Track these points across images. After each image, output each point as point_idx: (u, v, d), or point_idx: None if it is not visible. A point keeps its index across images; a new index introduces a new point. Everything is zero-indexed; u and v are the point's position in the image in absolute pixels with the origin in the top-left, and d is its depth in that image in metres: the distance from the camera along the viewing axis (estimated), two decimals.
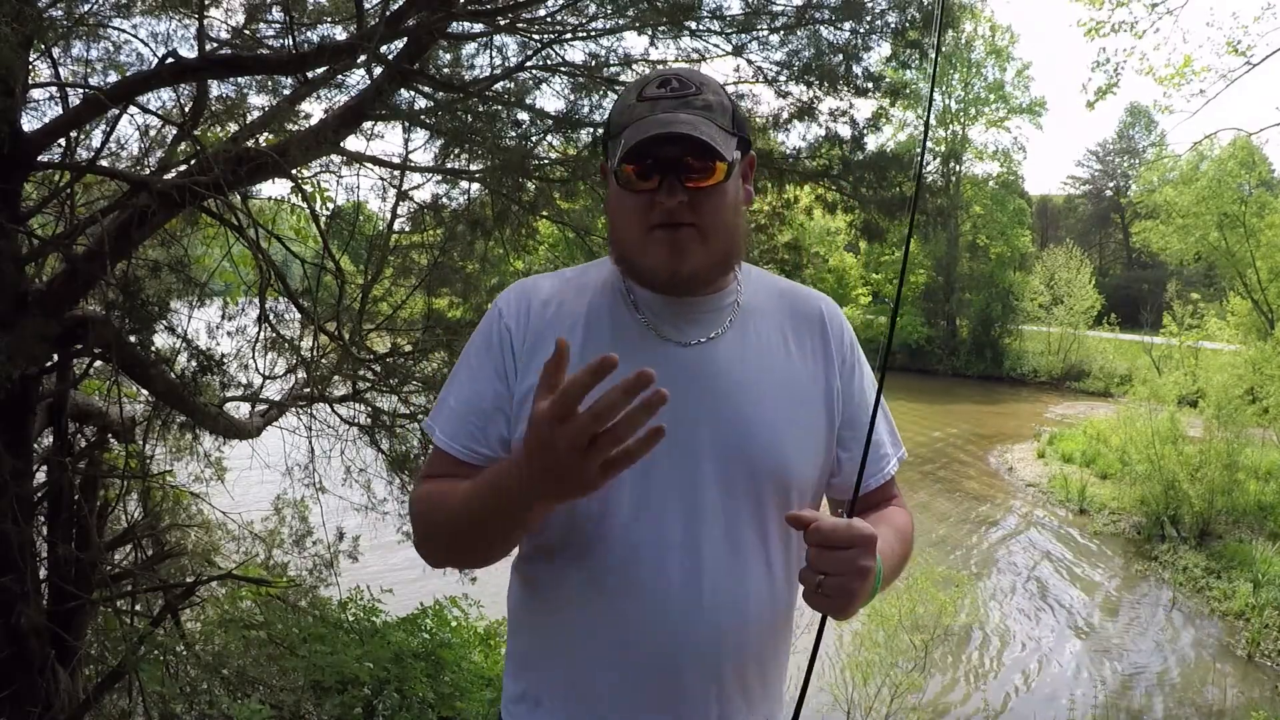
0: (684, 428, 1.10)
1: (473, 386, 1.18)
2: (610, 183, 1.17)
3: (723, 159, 1.09)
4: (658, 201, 1.10)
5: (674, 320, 1.18)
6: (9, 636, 3.36)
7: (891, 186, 4.55)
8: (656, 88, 1.13)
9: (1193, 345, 21.15)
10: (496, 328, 1.19)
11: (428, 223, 4.97)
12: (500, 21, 4.01)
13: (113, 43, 3.91)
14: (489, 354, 1.18)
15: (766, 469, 1.14)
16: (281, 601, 5.41)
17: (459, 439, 1.16)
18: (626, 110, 1.14)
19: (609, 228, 1.22)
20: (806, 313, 1.26)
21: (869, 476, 1.24)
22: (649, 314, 1.18)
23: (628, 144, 1.08)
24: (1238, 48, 8.23)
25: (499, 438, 1.15)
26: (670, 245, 1.12)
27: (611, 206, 1.19)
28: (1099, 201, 50.60)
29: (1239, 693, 8.77)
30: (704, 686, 1.11)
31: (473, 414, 1.16)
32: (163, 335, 3.92)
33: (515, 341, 1.17)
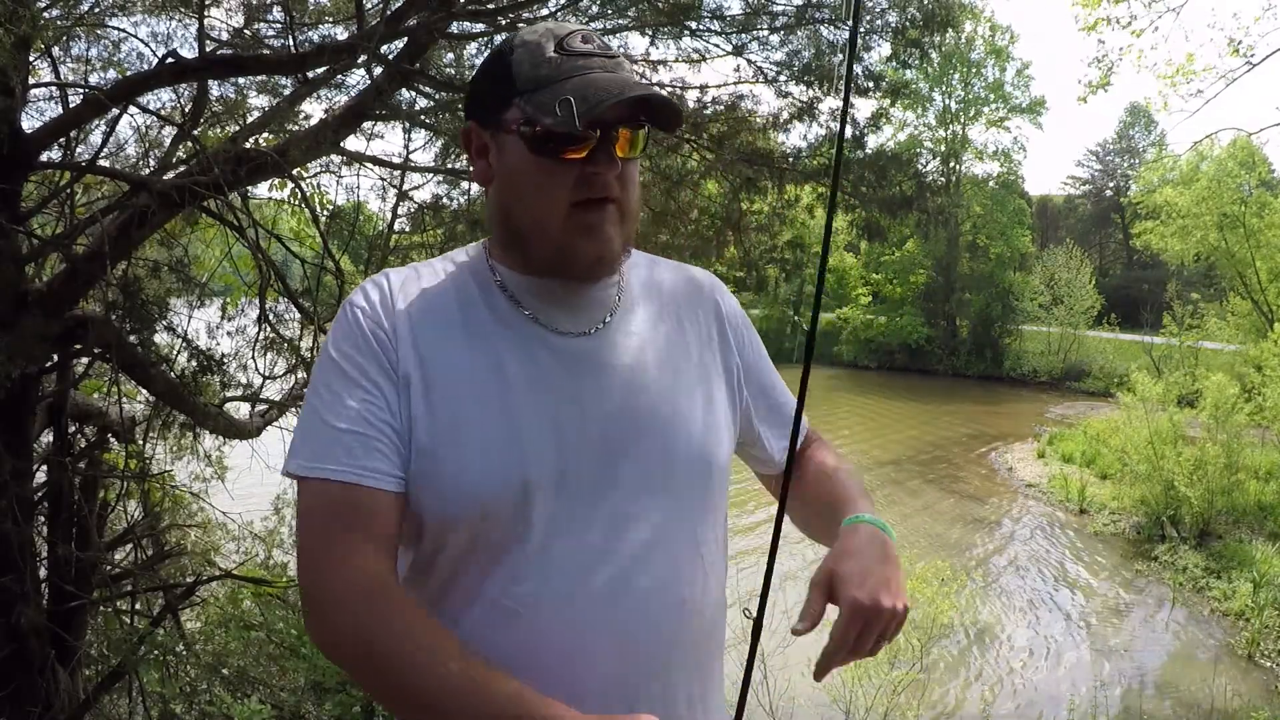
0: (592, 426, 0.99)
1: (359, 397, 0.95)
2: (507, 149, 0.99)
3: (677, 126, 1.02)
4: (590, 172, 0.96)
5: (559, 308, 1.03)
6: (9, 636, 3.36)
7: (892, 186, 4.55)
8: (580, 42, 0.98)
9: (1193, 345, 21.16)
10: (367, 327, 0.98)
11: (428, 223, 4.97)
12: (500, 21, 4.01)
13: (112, 42, 3.91)
14: (365, 357, 0.97)
15: (685, 457, 1.04)
16: (281, 601, 5.41)
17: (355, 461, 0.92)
18: (546, 63, 0.96)
19: (501, 202, 1.03)
20: (692, 290, 1.17)
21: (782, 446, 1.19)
22: (529, 302, 1.03)
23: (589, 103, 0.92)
24: (1238, 48, 8.23)
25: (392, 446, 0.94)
26: (599, 225, 0.98)
27: (509, 176, 1.00)
28: (1099, 201, 50.59)
29: (1239, 693, 8.77)
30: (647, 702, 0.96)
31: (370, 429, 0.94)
32: (163, 335, 3.92)
33: (384, 343, 0.97)
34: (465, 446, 0.95)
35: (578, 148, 0.95)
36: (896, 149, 21.04)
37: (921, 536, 13.26)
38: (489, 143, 1.02)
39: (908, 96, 27.63)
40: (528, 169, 0.98)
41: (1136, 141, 48.12)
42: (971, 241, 34.82)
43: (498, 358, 0.99)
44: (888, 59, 4.39)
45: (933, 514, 14.63)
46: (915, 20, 4.06)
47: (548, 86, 0.95)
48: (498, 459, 0.95)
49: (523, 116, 0.96)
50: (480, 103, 1.03)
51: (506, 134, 0.99)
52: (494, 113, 1.00)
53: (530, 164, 0.98)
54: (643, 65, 4.52)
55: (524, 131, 0.96)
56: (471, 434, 0.95)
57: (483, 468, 0.94)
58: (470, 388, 0.97)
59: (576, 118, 0.92)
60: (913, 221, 4.75)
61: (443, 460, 0.94)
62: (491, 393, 0.97)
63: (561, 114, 0.92)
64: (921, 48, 4.19)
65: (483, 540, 0.96)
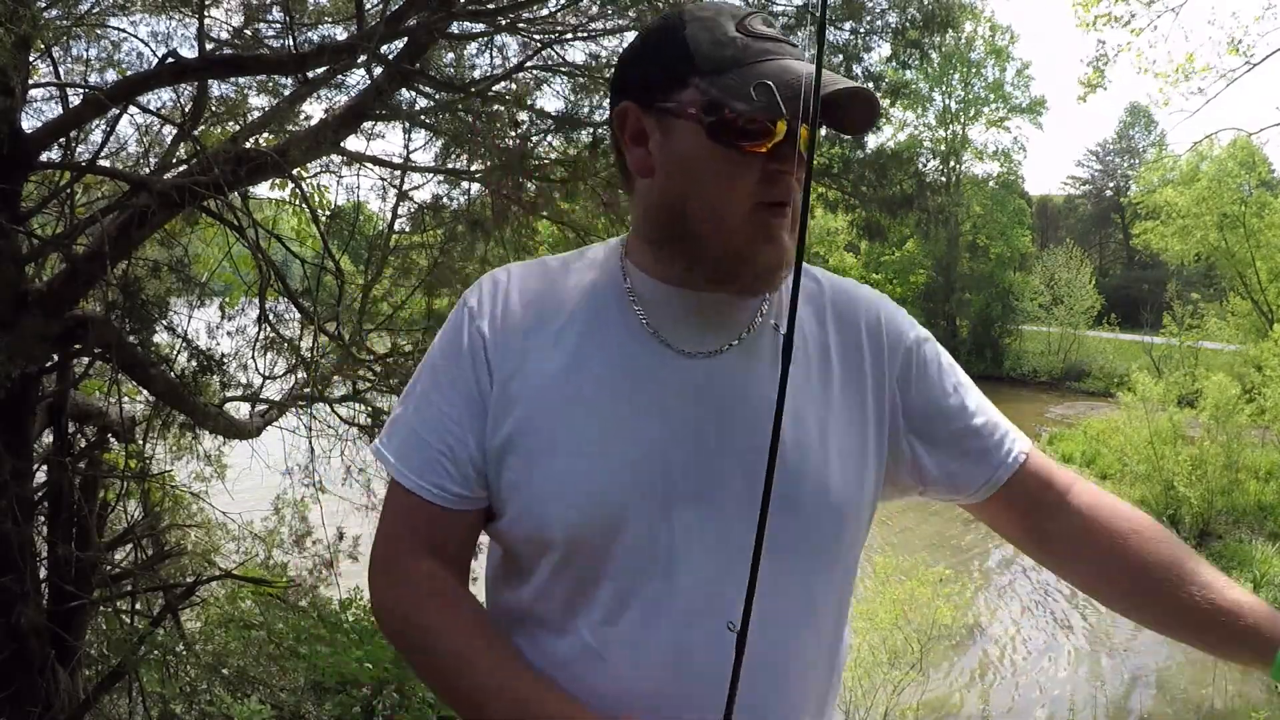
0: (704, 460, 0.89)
1: (439, 406, 0.93)
2: (676, 134, 0.87)
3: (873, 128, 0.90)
4: (775, 170, 0.85)
5: (691, 324, 0.93)
6: (9, 636, 3.36)
7: (892, 185, 4.55)
8: (761, 24, 0.87)
9: (1193, 345, 21.15)
10: (467, 333, 0.94)
11: (428, 223, 4.97)
12: (500, 21, 4.01)
13: (112, 42, 3.91)
14: (459, 364, 0.93)
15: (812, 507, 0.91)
16: (281, 601, 5.41)
17: (428, 476, 0.91)
18: (730, 43, 0.85)
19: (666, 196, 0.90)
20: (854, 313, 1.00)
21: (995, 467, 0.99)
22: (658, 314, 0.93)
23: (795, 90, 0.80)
24: (1238, 47, 8.23)
25: (468, 463, 0.91)
26: (780, 231, 0.87)
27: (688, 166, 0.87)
28: (1099, 201, 50.58)
29: (1239, 693, 8.77)
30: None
31: (437, 440, 0.92)
32: (163, 335, 3.93)
33: (489, 349, 0.92)
34: (550, 469, 0.88)
35: (761, 141, 0.84)
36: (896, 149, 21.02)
37: (921, 537, 13.26)
38: (651, 128, 0.89)
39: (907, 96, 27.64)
40: (708, 159, 0.86)
41: (1136, 141, 48.12)
42: (971, 241, 34.83)
43: (605, 374, 0.90)
44: (888, 59, 4.39)
45: (932, 514, 14.63)
46: (915, 20, 4.06)
47: (734, 69, 0.83)
48: (584, 486, 0.88)
49: (704, 100, 0.84)
50: (642, 82, 0.90)
51: (678, 118, 0.86)
52: (662, 94, 0.87)
53: (711, 154, 0.85)
54: None
55: (705, 117, 0.84)
56: (559, 457, 0.88)
57: (568, 494, 0.88)
58: (567, 406, 0.89)
59: (782, 104, 0.79)
60: (913, 221, 4.75)
61: (527, 481, 0.89)
62: (590, 413, 0.89)
63: (759, 99, 0.80)
64: (921, 48, 4.19)
65: (570, 572, 0.90)
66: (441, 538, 0.93)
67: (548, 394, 0.90)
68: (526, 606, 0.94)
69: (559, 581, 0.91)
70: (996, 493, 1.00)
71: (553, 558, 0.90)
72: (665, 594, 0.88)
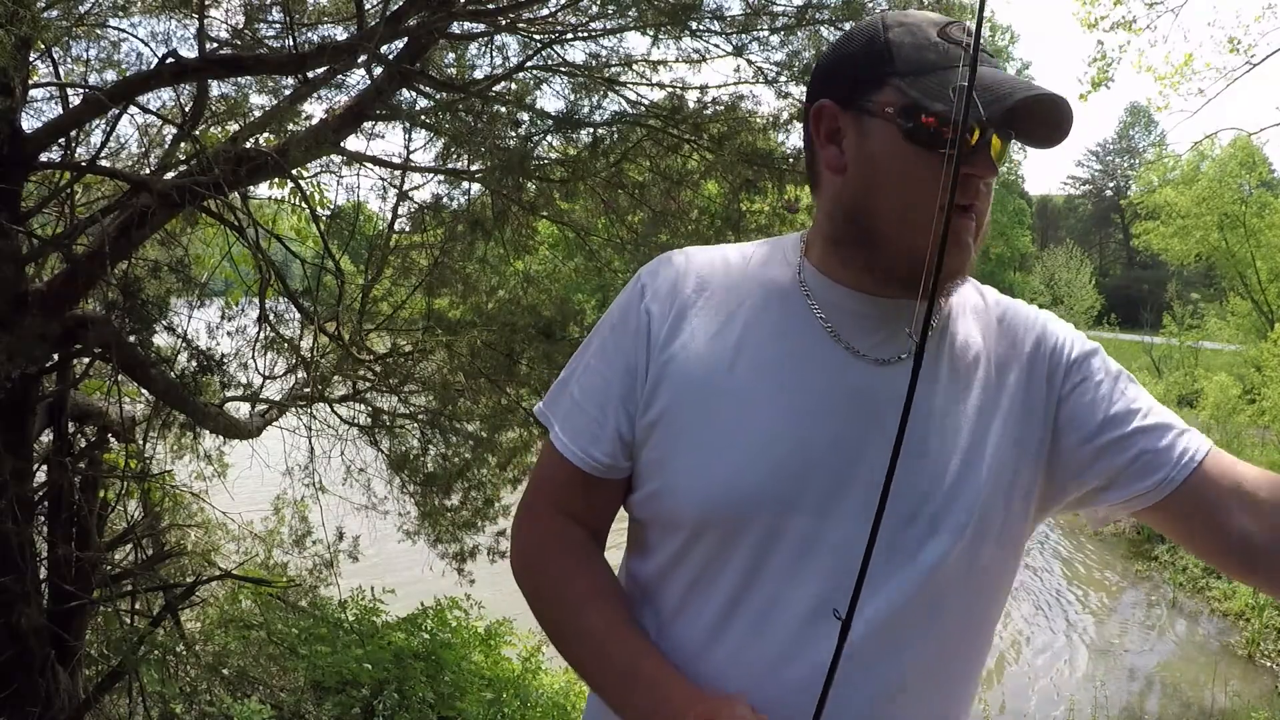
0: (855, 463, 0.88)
1: (601, 375, 0.97)
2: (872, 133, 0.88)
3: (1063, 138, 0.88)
4: (970, 174, 0.86)
5: (862, 327, 0.92)
6: (9, 636, 3.36)
7: None
8: (962, 33, 0.87)
9: (1193, 345, 21.16)
10: (637, 309, 0.96)
11: (428, 223, 4.96)
12: (501, 21, 4.01)
13: (112, 42, 3.91)
14: (623, 339, 0.96)
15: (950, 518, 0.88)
16: (281, 601, 5.41)
17: (577, 440, 0.97)
18: (932, 47, 0.86)
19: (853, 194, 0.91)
20: (1017, 331, 0.98)
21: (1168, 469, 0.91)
22: (834, 314, 0.93)
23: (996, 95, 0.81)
24: (1238, 47, 8.23)
25: (616, 436, 0.95)
26: (966, 237, 0.88)
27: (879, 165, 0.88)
28: (1099, 201, 50.60)
29: (1239, 693, 8.77)
30: None
31: (594, 408, 0.96)
32: (163, 335, 3.92)
33: (654, 326, 0.95)
34: (692, 451, 0.90)
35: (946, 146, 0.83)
36: None
37: None
38: (847, 126, 0.90)
39: None
40: (901, 160, 0.86)
41: (1136, 141, 48.16)
42: None
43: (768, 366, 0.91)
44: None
45: None
46: None
47: (935, 72, 0.84)
48: (720, 474, 0.89)
49: (902, 101, 0.85)
50: (840, 79, 0.91)
51: (875, 118, 0.87)
52: (861, 93, 0.88)
53: (905, 154, 0.86)
54: (643, 65, 4.52)
55: (902, 118, 0.85)
56: (703, 440, 0.90)
57: (703, 478, 0.90)
58: (721, 392, 0.91)
59: (982, 108, 0.80)
60: None
61: (671, 459, 0.92)
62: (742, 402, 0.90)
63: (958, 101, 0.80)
64: None
65: (694, 558, 0.91)
66: (583, 502, 0.99)
67: (703, 378, 0.92)
68: (647, 583, 0.97)
69: (682, 565, 0.93)
70: (1175, 492, 0.90)
71: (679, 540, 0.92)
72: (779, 598, 0.88)
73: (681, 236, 4.59)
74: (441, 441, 4.91)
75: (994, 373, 0.95)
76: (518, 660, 6.00)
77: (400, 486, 5.01)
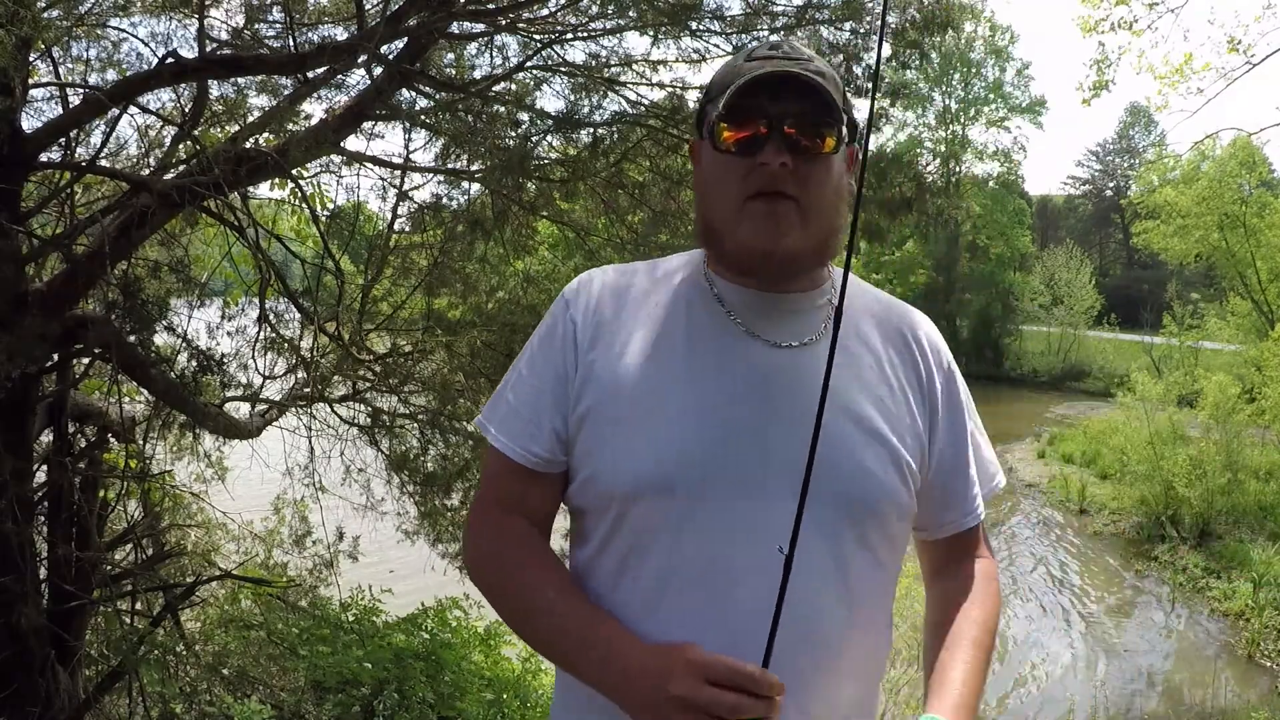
0: (761, 435, 0.99)
1: (532, 383, 1.08)
2: (704, 155, 1.06)
3: (834, 121, 1.00)
4: (759, 163, 0.98)
5: (763, 316, 1.05)
6: (9, 636, 3.36)
7: (891, 186, 4.55)
8: (768, 50, 1.02)
9: (1193, 345, 21.14)
10: (561, 321, 1.09)
11: (428, 223, 4.96)
12: (500, 21, 4.01)
13: (112, 42, 3.91)
14: (551, 349, 1.08)
15: (855, 496, 1.00)
16: (281, 601, 5.41)
17: (517, 440, 1.07)
18: (731, 71, 1.03)
19: (697, 207, 1.11)
20: (903, 332, 1.12)
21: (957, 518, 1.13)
22: (735, 308, 1.06)
23: (731, 94, 0.97)
24: (1238, 47, 8.23)
25: (552, 433, 1.06)
26: (768, 217, 0.99)
27: (703, 180, 1.07)
28: (1099, 201, 50.59)
29: (1239, 693, 8.77)
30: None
31: (529, 411, 1.07)
32: (163, 335, 3.92)
33: (579, 334, 1.07)
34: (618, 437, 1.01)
35: (738, 132, 1.00)
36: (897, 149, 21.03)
37: None
38: (698, 153, 1.09)
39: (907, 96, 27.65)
40: (711, 166, 1.05)
41: (1136, 141, 48.14)
42: (971, 241, 34.82)
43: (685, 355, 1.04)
44: (888, 60, 4.38)
45: None
46: (915, 21, 4.05)
47: (727, 89, 1.00)
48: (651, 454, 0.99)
49: (707, 117, 1.04)
50: (697, 118, 1.12)
51: (702, 141, 1.07)
52: (699, 123, 1.08)
53: (713, 161, 1.04)
54: (643, 65, 4.52)
55: (706, 133, 1.04)
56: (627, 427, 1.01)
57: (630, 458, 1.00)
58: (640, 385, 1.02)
59: (722, 98, 0.98)
60: (912, 222, 4.74)
61: (599, 447, 1.03)
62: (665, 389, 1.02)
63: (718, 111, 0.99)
64: (921, 48, 4.18)
65: (625, 533, 1.02)
66: (527, 496, 1.09)
67: (623, 374, 1.03)
68: (586, 566, 1.07)
69: (615, 541, 1.03)
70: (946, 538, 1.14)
71: (610, 519, 1.03)
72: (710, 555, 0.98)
73: (681, 236, 4.59)
74: (441, 441, 4.91)
75: (888, 364, 1.08)
76: (518, 660, 6.00)
77: (400, 486, 5.01)
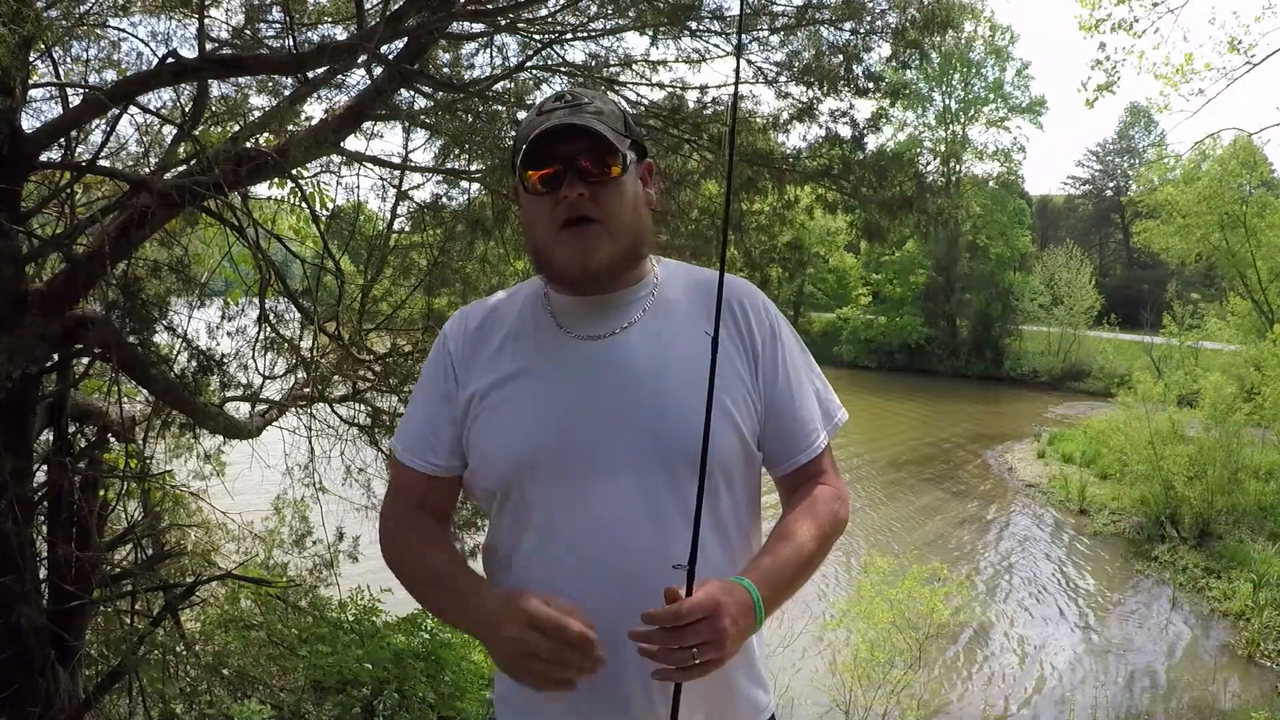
0: (596, 416, 1.21)
1: (426, 409, 1.33)
2: (521, 196, 1.28)
3: (615, 151, 1.20)
4: (561, 197, 1.20)
5: (585, 317, 1.28)
6: (9, 636, 3.36)
7: (892, 186, 4.55)
8: (553, 102, 1.24)
9: (1193, 345, 21.13)
10: (441, 352, 1.33)
11: (428, 223, 4.97)
12: (500, 21, 4.01)
13: (112, 42, 3.90)
14: (437, 378, 1.32)
15: (679, 449, 1.18)
16: (281, 601, 5.41)
17: (417, 454, 1.31)
18: (526, 125, 1.24)
19: (526, 239, 1.32)
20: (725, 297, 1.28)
21: (796, 454, 1.31)
22: (561, 315, 1.30)
23: (528, 145, 1.19)
24: (1238, 47, 8.22)
25: (447, 445, 1.30)
26: (579, 241, 1.21)
27: (525, 217, 1.29)
28: (1099, 201, 50.57)
29: (1239, 693, 8.77)
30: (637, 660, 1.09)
31: (427, 431, 1.31)
32: (163, 335, 3.92)
33: (456, 362, 1.31)
34: (492, 435, 1.25)
35: (551, 183, 1.21)
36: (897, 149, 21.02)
37: (921, 537, 13.26)
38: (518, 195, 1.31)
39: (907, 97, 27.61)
40: (528, 206, 1.27)
41: (1136, 141, 48.10)
42: (971, 241, 34.79)
43: (528, 362, 1.27)
44: (887, 59, 4.38)
45: (933, 514, 14.63)
46: (915, 21, 4.05)
47: (521, 143, 1.23)
48: (509, 443, 1.23)
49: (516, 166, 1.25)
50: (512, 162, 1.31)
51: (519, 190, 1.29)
52: (515, 172, 1.27)
53: (527, 203, 1.27)
54: (643, 65, 4.52)
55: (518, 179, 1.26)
56: (497, 425, 1.25)
57: (500, 450, 1.24)
58: (503, 389, 1.26)
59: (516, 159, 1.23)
60: (912, 222, 4.74)
61: (477, 447, 1.27)
62: (516, 391, 1.26)
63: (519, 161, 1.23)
64: (921, 48, 4.18)
65: (510, 507, 1.25)
66: (427, 497, 1.33)
67: (491, 384, 1.27)
68: (493, 546, 1.31)
69: (503, 519, 1.27)
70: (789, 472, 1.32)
71: (497, 501, 1.27)
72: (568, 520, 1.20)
73: (681, 236, 4.59)
74: None
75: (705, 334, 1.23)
76: None
77: None
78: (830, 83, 4.18)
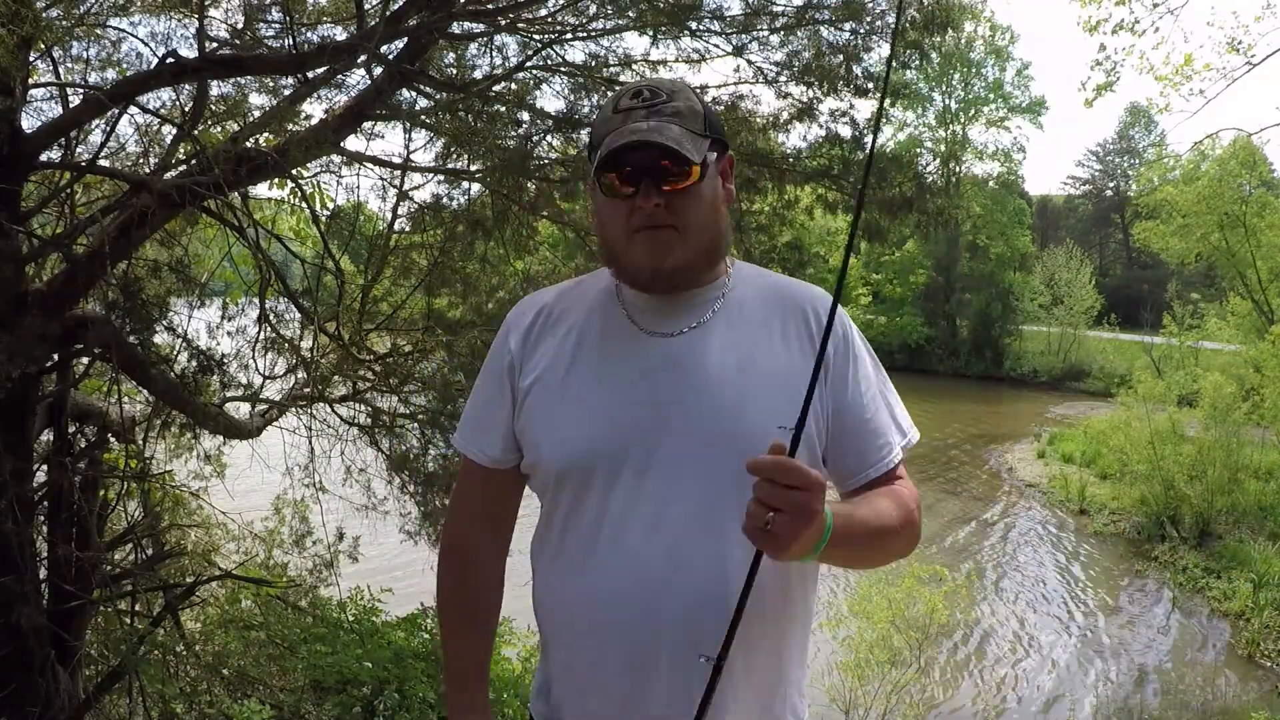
0: (660, 410, 1.20)
1: (483, 396, 1.35)
2: (595, 192, 1.25)
3: (693, 162, 1.17)
4: (637, 205, 1.19)
5: (657, 314, 1.27)
6: (9, 636, 3.36)
7: (892, 186, 4.55)
8: (630, 99, 1.21)
9: (1193, 345, 21.13)
10: (503, 345, 1.34)
11: (428, 223, 4.96)
12: (500, 21, 4.01)
13: (112, 42, 3.90)
14: (496, 368, 1.33)
15: (741, 450, 1.10)
16: (281, 601, 5.41)
17: (471, 444, 1.35)
18: (604, 122, 1.22)
19: (598, 235, 1.31)
20: (796, 305, 1.29)
21: (868, 467, 1.26)
22: (634, 310, 1.28)
23: (603, 154, 1.18)
24: (1238, 47, 8.22)
25: (503, 436, 1.32)
26: (652, 245, 1.20)
27: (598, 214, 1.28)
28: (1099, 201, 50.56)
29: (1239, 693, 8.77)
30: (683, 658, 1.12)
31: (483, 421, 1.34)
32: (163, 335, 3.92)
33: (516, 353, 1.31)
34: (548, 424, 1.25)
35: (628, 186, 1.19)
36: (896, 149, 21.01)
37: (920, 536, 13.26)
38: (591, 192, 1.30)
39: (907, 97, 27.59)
40: (601, 207, 1.26)
41: (1136, 141, 48.09)
42: (971, 241, 34.78)
43: (594, 354, 1.27)
44: (887, 60, 4.38)
45: (932, 514, 14.63)
46: (915, 21, 4.05)
47: (599, 145, 1.20)
48: (565, 438, 1.23)
49: (593, 169, 1.22)
50: (589, 155, 1.29)
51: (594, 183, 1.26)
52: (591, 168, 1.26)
53: (601, 203, 1.25)
54: (643, 65, 4.51)
55: (594, 179, 1.23)
56: (554, 417, 1.25)
57: (557, 444, 1.24)
58: (565, 380, 1.26)
59: (594, 167, 1.20)
60: (912, 222, 4.74)
61: (535, 434, 1.27)
62: (580, 382, 1.25)
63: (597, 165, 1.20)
64: (921, 48, 4.18)
65: (564, 499, 1.24)
66: (487, 490, 1.37)
67: (551, 376, 1.27)
68: (544, 535, 1.30)
69: (556, 513, 1.26)
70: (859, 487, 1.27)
71: (550, 493, 1.27)
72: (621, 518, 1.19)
73: None
74: (442, 441, 4.91)
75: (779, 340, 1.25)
76: (518, 660, 6.00)
77: (400, 486, 5.01)
78: (830, 83, 4.17)
